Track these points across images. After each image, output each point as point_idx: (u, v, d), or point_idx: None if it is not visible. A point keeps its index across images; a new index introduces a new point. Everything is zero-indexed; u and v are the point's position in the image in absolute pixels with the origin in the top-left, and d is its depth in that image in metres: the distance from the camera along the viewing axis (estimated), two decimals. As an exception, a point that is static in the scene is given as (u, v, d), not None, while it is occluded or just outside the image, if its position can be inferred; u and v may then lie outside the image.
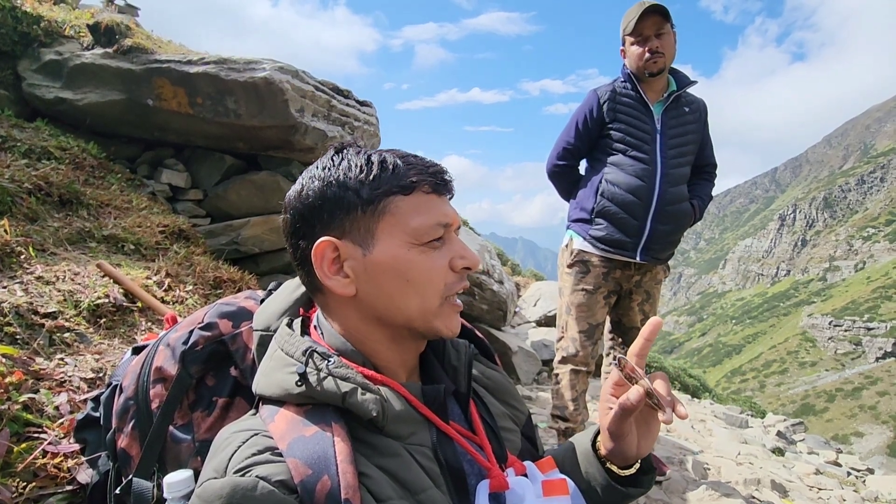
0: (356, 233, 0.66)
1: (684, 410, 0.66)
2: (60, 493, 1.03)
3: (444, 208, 0.70)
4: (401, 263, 0.66)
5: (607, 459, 0.76)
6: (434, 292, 0.67)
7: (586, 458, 0.78)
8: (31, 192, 2.35)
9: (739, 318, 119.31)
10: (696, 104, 2.19)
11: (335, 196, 0.66)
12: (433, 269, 0.67)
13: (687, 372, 10.54)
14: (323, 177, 0.68)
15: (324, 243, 0.66)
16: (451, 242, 0.70)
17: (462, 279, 0.71)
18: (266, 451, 0.58)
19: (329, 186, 0.67)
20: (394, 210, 0.66)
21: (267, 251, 3.68)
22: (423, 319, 0.68)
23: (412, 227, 0.66)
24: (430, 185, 0.68)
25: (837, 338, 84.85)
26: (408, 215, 0.66)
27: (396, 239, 0.66)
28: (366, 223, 0.66)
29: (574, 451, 0.81)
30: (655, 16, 1.98)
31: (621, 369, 0.71)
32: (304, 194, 0.68)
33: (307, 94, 3.55)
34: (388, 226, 0.66)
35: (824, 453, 4.47)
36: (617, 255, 2.12)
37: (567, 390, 2.22)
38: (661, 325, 0.72)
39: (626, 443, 0.72)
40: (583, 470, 0.78)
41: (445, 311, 0.69)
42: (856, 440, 56.37)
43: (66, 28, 3.63)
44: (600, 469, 0.76)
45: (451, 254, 0.69)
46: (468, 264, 0.70)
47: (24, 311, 1.47)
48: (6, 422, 1.07)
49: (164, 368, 0.84)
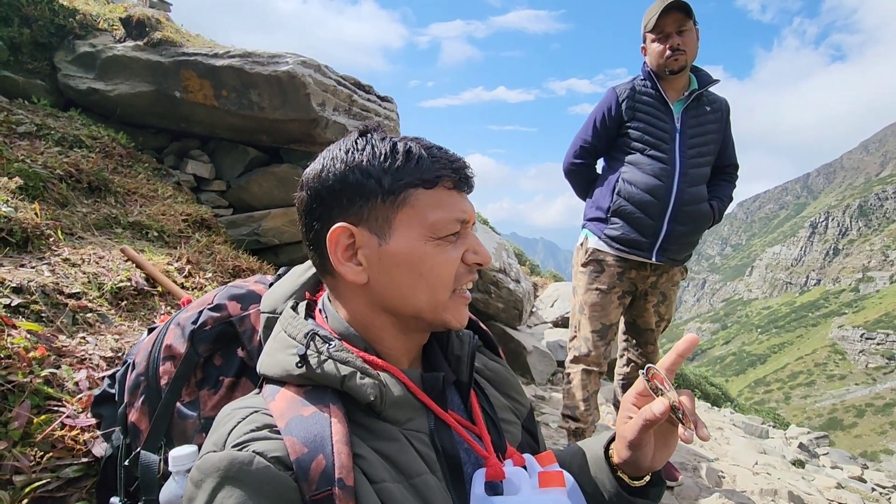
0: (373, 221, 0.66)
1: (707, 433, 0.64)
2: (76, 464, 1.07)
3: (464, 205, 0.69)
4: (415, 256, 0.66)
5: (619, 468, 0.74)
6: (445, 286, 0.68)
7: (597, 463, 0.77)
8: (63, 178, 2.44)
9: (765, 327, 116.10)
10: (717, 103, 2.13)
11: (357, 182, 0.66)
12: (446, 264, 0.67)
13: (708, 380, 10.32)
14: (346, 160, 0.67)
15: (339, 229, 0.66)
16: (466, 237, 0.70)
17: (472, 272, 0.71)
18: (264, 428, 0.59)
19: (352, 171, 0.66)
20: (414, 202, 0.66)
21: (286, 243, 3.74)
22: (432, 312, 0.68)
23: (430, 222, 0.66)
24: (453, 181, 0.68)
25: (869, 351, 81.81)
26: (427, 209, 0.66)
27: (413, 231, 0.66)
28: (384, 213, 0.66)
29: (583, 455, 0.80)
30: (677, 12, 1.94)
31: (648, 379, 0.69)
32: (325, 175, 0.67)
33: (329, 88, 3.59)
34: (407, 217, 0.66)
35: (849, 468, 4.32)
36: (632, 255, 2.09)
37: (578, 390, 2.20)
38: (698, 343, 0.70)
39: (641, 454, 0.70)
40: (592, 475, 0.77)
41: (454, 304, 0.70)
42: (885, 458, 54.28)
43: (100, 21, 3.75)
44: (610, 476, 0.75)
45: (464, 247, 0.70)
46: (480, 260, 0.70)
47: (49, 291, 1.53)
48: (28, 394, 1.12)
49: (174, 346, 0.86)
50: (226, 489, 0.55)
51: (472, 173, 0.71)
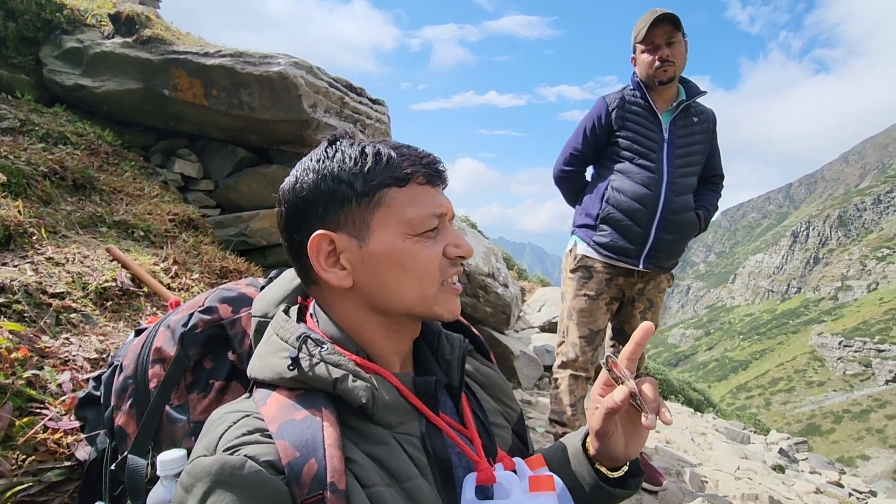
0: (351, 225, 0.67)
1: (669, 416, 0.67)
2: (59, 468, 1.05)
3: (439, 198, 0.70)
4: (397, 253, 0.67)
5: (596, 459, 0.77)
6: (431, 280, 0.68)
7: (576, 456, 0.80)
8: (47, 175, 2.40)
9: (747, 333, 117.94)
10: (704, 114, 2.18)
11: (329, 189, 0.67)
12: (428, 258, 0.68)
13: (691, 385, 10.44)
14: (317, 169, 0.68)
15: (318, 237, 0.66)
16: (445, 231, 0.71)
17: (456, 265, 0.72)
18: (256, 432, 0.59)
19: (323, 179, 0.67)
20: (388, 202, 0.67)
21: (274, 244, 3.71)
22: (422, 305, 0.69)
23: (407, 219, 0.67)
24: (425, 177, 0.69)
25: (847, 358, 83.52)
26: (403, 207, 0.67)
27: (392, 229, 0.67)
28: (361, 215, 0.67)
29: (564, 449, 0.82)
30: (667, 24, 1.98)
31: (609, 369, 0.73)
32: (299, 188, 0.68)
33: (321, 90, 3.58)
34: (384, 217, 0.67)
35: (827, 473, 4.41)
36: (620, 262, 2.12)
37: (565, 395, 2.22)
38: (654, 331, 0.73)
39: (611, 443, 0.73)
40: (572, 468, 0.79)
41: (444, 296, 0.70)
42: (861, 463, 55.40)
43: (88, 17, 3.70)
44: (589, 468, 0.77)
45: (444, 241, 0.70)
46: (461, 253, 0.71)
47: (32, 291, 1.50)
48: (9, 396, 1.10)
49: (164, 349, 0.85)
50: (217, 494, 0.55)
51: (444, 167, 0.72)
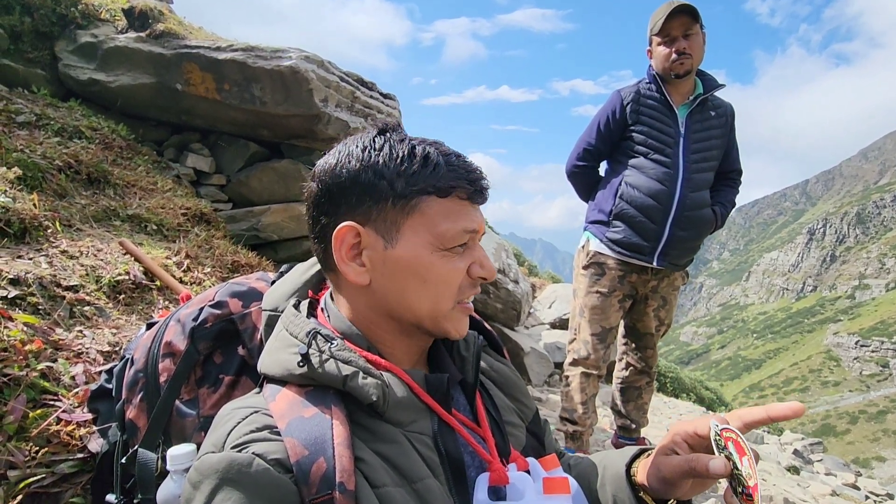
0: (381, 223, 0.65)
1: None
2: (71, 459, 1.06)
3: (475, 216, 0.68)
4: (421, 264, 0.65)
5: (642, 488, 0.72)
6: (448, 297, 0.67)
7: (617, 480, 0.74)
8: (62, 169, 2.42)
9: (761, 332, 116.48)
10: (722, 108, 2.13)
11: (368, 182, 0.64)
12: (451, 274, 0.66)
13: (703, 384, 10.33)
14: (361, 157, 0.65)
15: (346, 228, 0.65)
16: (473, 249, 0.69)
17: (475, 286, 0.70)
18: (265, 429, 0.58)
19: (365, 170, 0.64)
20: (425, 209, 0.65)
21: (286, 238, 3.72)
22: (432, 320, 0.67)
23: (439, 231, 0.65)
24: (467, 193, 0.67)
25: (863, 358, 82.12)
26: (437, 218, 0.65)
27: (421, 238, 0.65)
28: (393, 216, 0.65)
29: (594, 466, 0.79)
30: (684, 16, 1.93)
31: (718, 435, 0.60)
32: (338, 171, 0.66)
33: (332, 84, 3.57)
34: (416, 224, 0.65)
35: (842, 475, 4.34)
36: (633, 259, 2.08)
37: (577, 393, 2.19)
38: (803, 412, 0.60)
39: (674, 487, 0.67)
40: (610, 492, 0.74)
41: (456, 315, 0.69)
42: (877, 465, 54.54)
43: (102, 11, 3.72)
44: (631, 496, 0.72)
45: (471, 259, 0.68)
46: (485, 275, 0.69)
47: (47, 283, 1.51)
48: (24, 388, 1.11)
49: (174, 343, 0.85)
50: (224, 491, 0.54)
51: (488, 185, 0.70)
